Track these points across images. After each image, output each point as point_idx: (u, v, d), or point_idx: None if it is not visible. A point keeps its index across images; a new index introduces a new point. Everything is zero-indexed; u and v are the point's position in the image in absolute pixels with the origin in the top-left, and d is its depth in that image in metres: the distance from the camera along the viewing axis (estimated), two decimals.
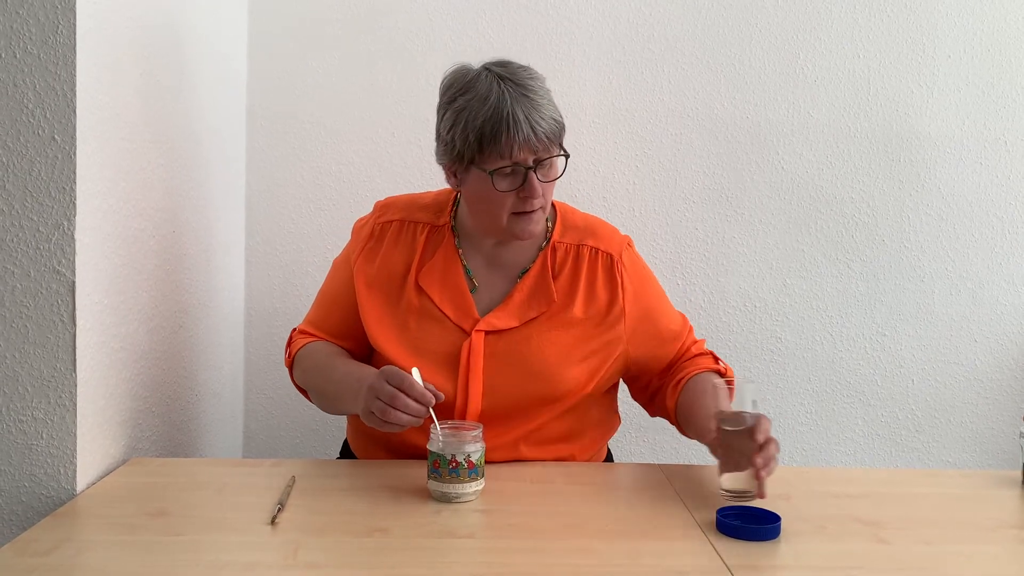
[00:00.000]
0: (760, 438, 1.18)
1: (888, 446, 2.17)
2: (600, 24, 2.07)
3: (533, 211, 1.35)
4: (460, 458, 1.21)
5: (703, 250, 2.12)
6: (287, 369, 1.54)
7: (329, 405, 1.48)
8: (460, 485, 1.22)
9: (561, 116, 1.36)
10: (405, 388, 1.23)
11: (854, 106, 2.11)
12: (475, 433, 1.25)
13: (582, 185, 2.09)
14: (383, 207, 1.51)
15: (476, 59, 1.41)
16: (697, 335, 2.15)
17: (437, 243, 1.46)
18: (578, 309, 1.41)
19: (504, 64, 1.36)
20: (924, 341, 2.15)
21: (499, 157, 1.30)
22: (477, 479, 1.23)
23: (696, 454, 2.15)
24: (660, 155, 2.10)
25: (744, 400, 1.23)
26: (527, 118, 1.29)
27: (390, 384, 1.23)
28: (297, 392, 1.55)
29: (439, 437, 1.23)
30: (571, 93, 2.08)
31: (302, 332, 1.53)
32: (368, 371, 1.34)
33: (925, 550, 1.11)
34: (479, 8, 2.06)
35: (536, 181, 1.32)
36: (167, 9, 1.54)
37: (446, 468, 1.22)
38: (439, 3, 2.06)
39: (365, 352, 1.50)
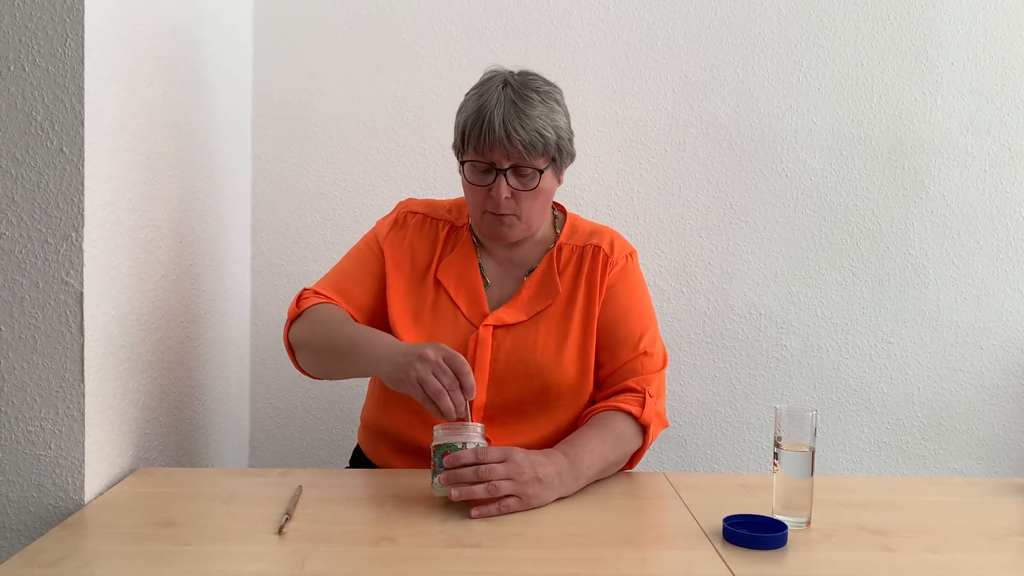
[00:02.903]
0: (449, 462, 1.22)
1: (894, 454, 2.17)
2: (603, 32, 2.08)
3: (504, 215, 1.41)
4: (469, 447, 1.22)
5: (707, 258, 2.12)
6: (287, 320, 1.48)
7: (327, 361, 1.42)
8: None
9: (558, 133, 1.40)
10: (462, 376, 1.23)
11: (858, 113, 2.11)
12: (479, 428, 1.26)
13: (586, 193, 2.09)
14: (405, 203, 1.59)
15: (479, 68, 1.48)
16: (702, 343, 2.16)
17: (456, 241, 1.53)
18: (580, 303, 1.47)
19: (524, 74, 1.44)
20: (929, 348, 2.15)
21: (475, 152, 1.39)
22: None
23: (702, 463, 2.16)
24: (664, 163, 2.11)
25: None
26: (504, 123, 1.35)
27: (451, 366, 1.23)
28: (303, 401, 1.55)
29: (443, 430, 1.24)
30: (574, 101, 2.06)
31: (316, 292, 1.49)
32: (395, 340, 1.34)
33: (931, 558, 1.11)
34: (484, 19, 2.07)
35: (504, 184, 1.39)
36: (173, 22, 1.55)
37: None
38: (443, 14, 2.07)
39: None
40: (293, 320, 1.47)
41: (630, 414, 1.40)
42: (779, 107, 2.10)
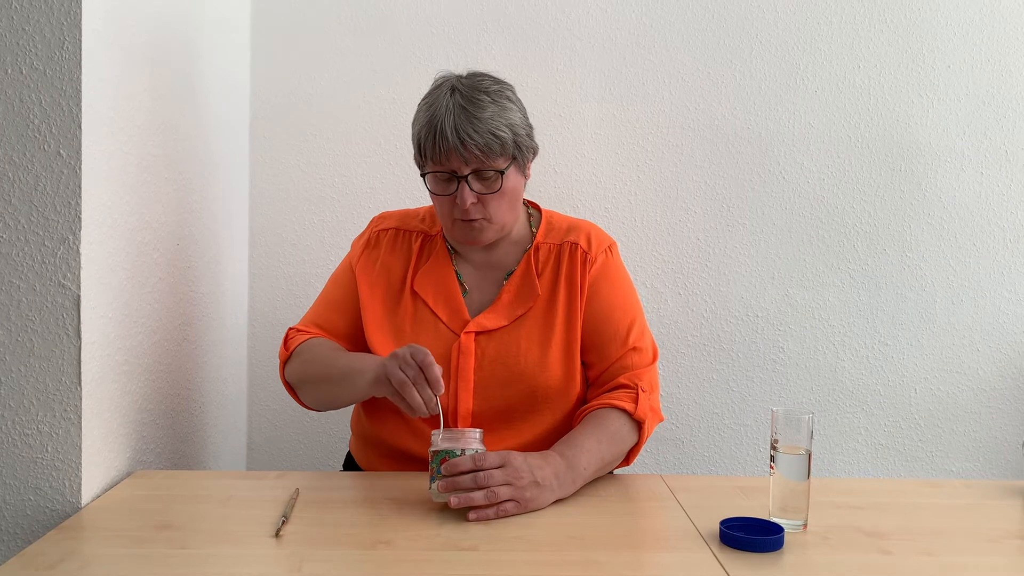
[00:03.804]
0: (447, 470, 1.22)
1: (891, 456, 2.17)
2: (601, 35, 2.08)
3: (473, 220, 1.40)
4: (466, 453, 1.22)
5: (704, 260, 2.13)
6: (280, 363, 1.52)
7: (325, 392, 1.45)
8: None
9: (513, 130, 1.38)
10: (425, 368, 1.24)
11: (855, 116, 2.11)
12: (477, 434, 1.26)
13: (584, 195, 2.09)
14: (378, 219, 1.59)
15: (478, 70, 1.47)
16: (699, 345, 2.15)
17: (431, 250, 1.52)
18: (561, 303, 1.46)
19: (471, 76, 1.42)
20: (926, 350, 2.15)
21: (433, 163, 1.39)
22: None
23: (699, 465, 2.16)
24: (661, 165, 2.11)
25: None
26: (456, 130, 1.34)
27: (415, 359, 1.25)
28: (300, 404, 1.55)
29: (441, 437, 1.24)
30: (572, 103, 2.09)
31: (300, 330, 1.53)
32: (376, 357, 1.36)
33: (928, 561, 1.11)
34: (482, 20, 2.07)
35: (467, 191, 1.38)
36: (171, 25, 1.56)
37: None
38: (442, 16, 2.07)
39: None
40: (285, 363, 1.50)
41: (624, 411, 1.40)
42: (776, 110, 2.11)
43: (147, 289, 1.46)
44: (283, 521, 1.16)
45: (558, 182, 2.08)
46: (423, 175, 1.42)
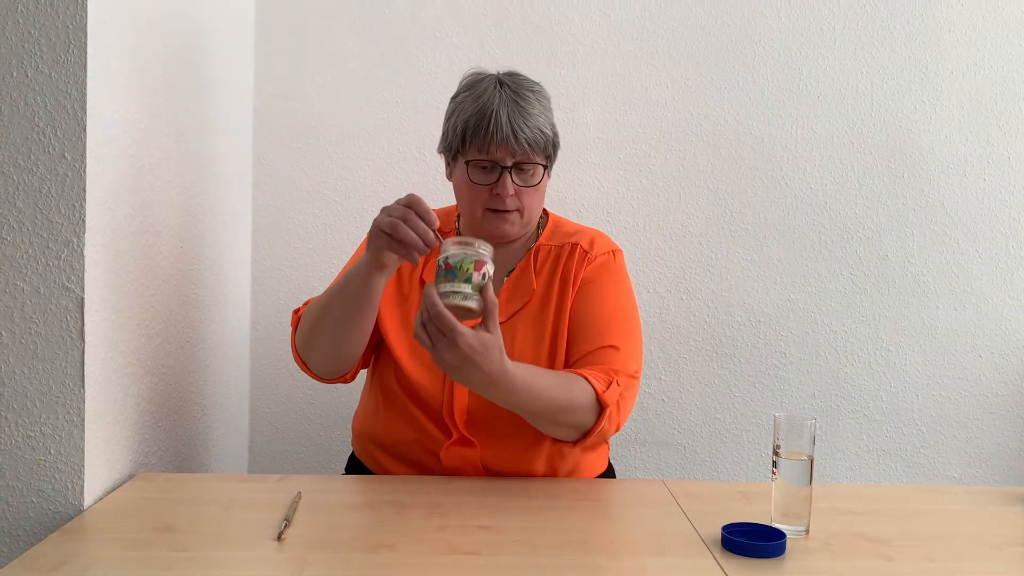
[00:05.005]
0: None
1: (893, 462, 2.17)
2: (604, 40, 2.09)
3: (507, 211, 1.42)
4: (453, 262, 1.20)
5: (707, 265, 2.13)
6: (291, 336, 1.49)
7: (330, 326, 1.40)
8: (450, 285, 1.19)
9: (553, 130, 1.44)
10: (412, 204, 1.25)
11: (858, 122, 2.12)
12: (482, 248, 1.21)
13: (586, 200, 2.10)
14: None
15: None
16: (701, 350, 2.15)
17: None
18: (554, 300, 1.46)
19: (514, 74, 1.46)
20: (929, 356, 2.15)
21: (478, 151, 1.40)
22: (471, 293, 1.19)
23: (701, 470, 2.16)
24: (664, 171, 2.11)
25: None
26: (510, 121, 1.37)
27: (399, 202, 1.26)
28: (302, 407, 1.55)
29: (451, 242, 1.21)
30: (575, 109, 2.09)
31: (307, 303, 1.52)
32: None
33: (930, 567, 1.11)
34: (485, 26, 2.08)
35: (509, 181, 1.40)
36: (175, 28, 1.56)
37: (441, 271, 1.20)
38: (445, 21, 2.07)
39: (370, 341, 1.48)
40: (295, 330, 1.49)
41: (593, 389, 1.34)
42: (779, 115, 2.11)
43: (150, 292, 1.46)
44: (285, 524, 1.17)
45: (560, 187, 2.08)
46: (465, 162, 1.42)
